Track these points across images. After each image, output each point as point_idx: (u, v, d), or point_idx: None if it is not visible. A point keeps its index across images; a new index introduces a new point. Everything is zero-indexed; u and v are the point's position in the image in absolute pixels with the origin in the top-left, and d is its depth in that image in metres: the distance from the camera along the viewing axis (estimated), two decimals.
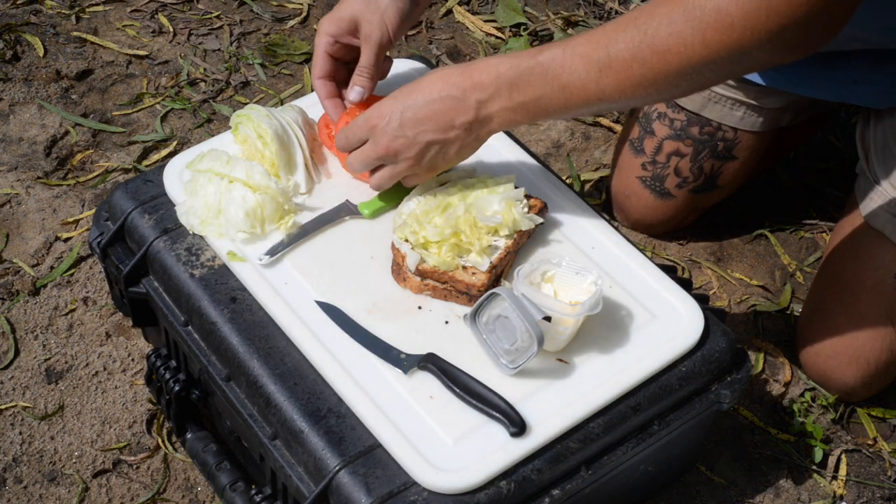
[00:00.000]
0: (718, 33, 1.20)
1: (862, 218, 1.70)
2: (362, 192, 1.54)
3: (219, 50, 2.30)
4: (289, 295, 1.42)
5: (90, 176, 2.05)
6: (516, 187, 1.48)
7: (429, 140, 1.39)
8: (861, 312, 1.71)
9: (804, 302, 1.83)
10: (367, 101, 1.53)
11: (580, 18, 2.41)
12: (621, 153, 1.96)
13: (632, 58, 1.26)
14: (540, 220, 1.47)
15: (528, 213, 1.46)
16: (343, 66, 1.58)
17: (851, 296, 1.72)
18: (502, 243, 1.43)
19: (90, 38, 2.30)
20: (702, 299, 1.47)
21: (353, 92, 1.53)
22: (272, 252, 1.45)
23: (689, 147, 1.87)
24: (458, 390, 1.32)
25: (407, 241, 1.42)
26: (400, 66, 1.72)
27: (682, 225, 2.00)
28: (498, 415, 1.30)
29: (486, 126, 1.38)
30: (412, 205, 1.46)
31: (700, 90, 1.28)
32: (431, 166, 1.43)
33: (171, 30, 2.33)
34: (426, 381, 1.34)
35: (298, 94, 2.21)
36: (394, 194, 1.52)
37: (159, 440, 1.69)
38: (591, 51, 1.29)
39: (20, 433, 1.69)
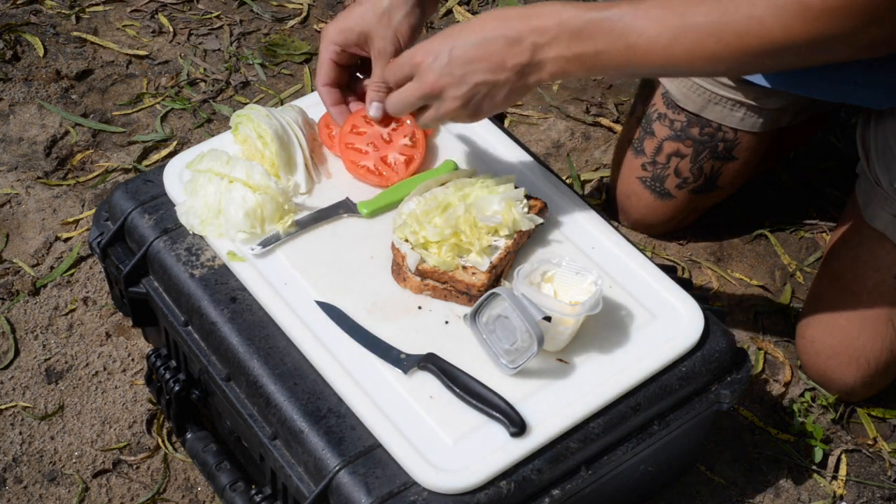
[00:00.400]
0: (800, 23, 1.19)
1: (862, 218, 1.70)
2: (363, 192, 1.54)
3: (219, 50, 2.30)
4: (289, 295, 1.42)
5: (90, 176, 2.05)
6: (516, 187, 1.48)
7: (478, 80, 1.34)
8: (861, 313, 1.71)
9: (804, 302, 1.83)
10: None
11: None
12: (621, 154, 1.96)
13: (708, 33, 1.24)
14: (540, 220, 1.47)
15: (528, 213, 1.46)
16: (346, 70, 1.57)
17: (852, 296, 1.71)
18: (502, 243, 1.43)
19: (90, 38, 2.30)
20: (702, 299, 1.47)
21: (373, 108, 1.50)
22: (265, 243, 1.45)
23: (689, 148, 1.87)
24: (458, 390, 1.32)
25: (407, 241, 1.42)
26: None
27: (682, 225, 2.00)
28: (498, 415, 1.30)
29: (537, 72, 1.34)
30: (412, 205, 1.46)
31: (778, 70, 1.29)
32: (477, 109, 1.38)
33: (171, 30, 2.33)
34: (426, 381, 1.34)
35: (298, 94, 2.21)
36: (395, 195, 1.52)
37: (159, 440, 1.69)
38: (665, 15, 1.26)
39: (20, 433, 1.69)
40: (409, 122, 1.54)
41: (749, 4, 1.21)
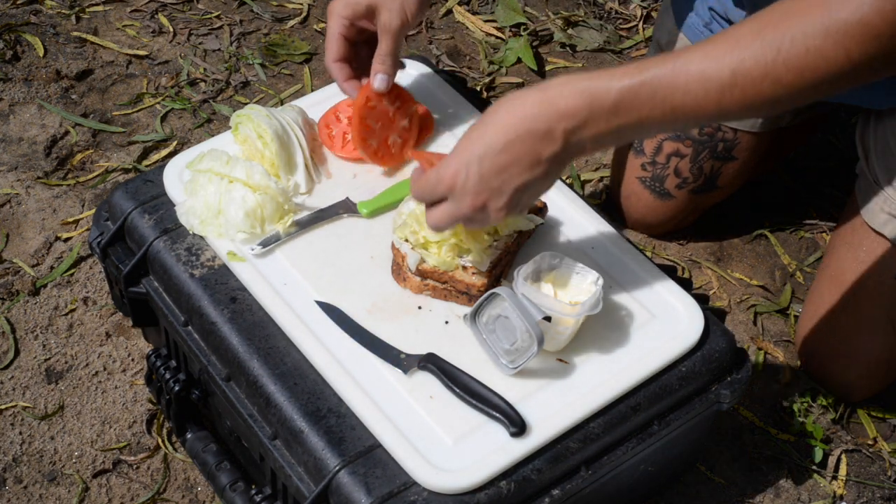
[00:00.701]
0: (863, 45, 1.12)
1: (862, 218, 1.70)
2: (363, 192, 1.54)
3: (219, 50, 2.30)
4: (289, 295, 1.42)
5: (90, 176, 2.05)
6: None
7: (517, 186, 1.24)
8: (861, 313, 1.71)
9: (804, 302, 1.83)
10: (392, 90, 1.52)
11: (580, 18, 2.41)
12: (619, 154, 1.96)
13: (762, 76, 1.14)
14: (540, 220, 1.47)
15: (528, 213, 1.46)
16: (355, 47, 1.55)
17: (852, 296, 1.72)
18: (502, 243, 1.43)
19: (90, 38, 2.30)
20: (702, 299, 1.47)
21: (378, 80, 1.49)
22: (265, 243, 1.45)
23: (688, 148, 1.87)
24: (458, 390, 1.32)
25: (407, 240, 1.42)
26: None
27: (682, 225, 2.00)
28: (498, 415, 1.30)
29: (575, 154, 1.25)
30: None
31: (829, 97, 1.21)
32: (523, 207, 1.30)
33: (171, 30, 2.34)
34: (426, 381, 1.34)
35: (298, 94, 2.21)
36: (395, 195, 1.52)
37: (159, 440, 1.69)
38: (709, 68, 1.16)
39: (20, 433, 1.69)
40: (414, 106, 1.54)
41: (804, 36, 1.13)
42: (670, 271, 1.49)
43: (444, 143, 1.62)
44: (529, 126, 1.21)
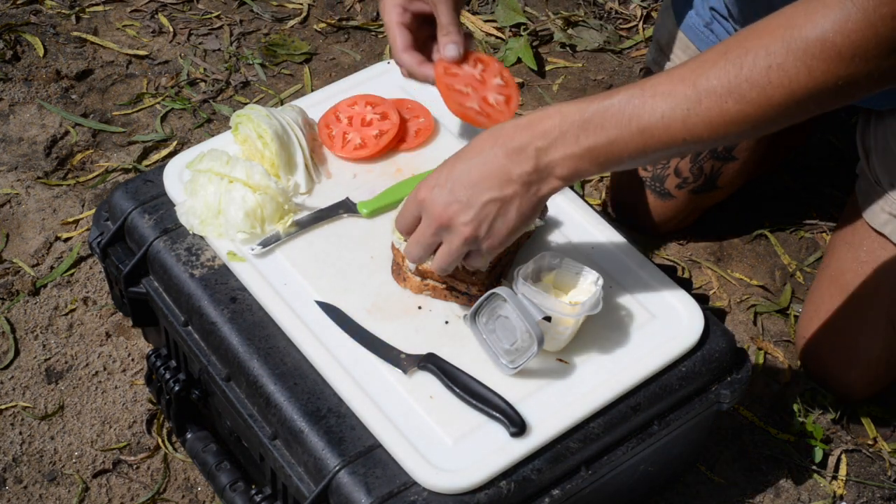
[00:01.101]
0: (825, 63, 1.12)
1: (862, 218, 1.70)
2: (363, 192, 1.54)
3: (219, 50, 2.30)
4: (289, 295, 1.42)
5: (90, 176, 2.05)
6: None
7: (485, 199, 1.25)
8: (862, 313, 1.71)
9: (805, 302, 1.83)
10: (468, 56, 1.49)
11: (580, 18, 2.41)
12: None
13: (727, 93, 1.15)
14: (540, 221, 1.47)
15: None
16: (416, 33, 1.50)
17: (852, 296, 1.72)
18: None
19: (90, 38, 2.30)
20: (702, 299, 1.47)
21: (449, 49, 1.45)
22: (265, 243, 1.45)
23: None
24: (458, 390, 1.32)
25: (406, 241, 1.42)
26: None
27: (683, 225, 2.00)
28: (498, 415, 1.30)
29: (546, 179, 1.24)
30: None
31: (798, 121, 1.21)
32: (490, 232, 1.28)
33: (171, 30, 2.34)
34: (426, 381, 1.34)
35: (298, 94, 2.21)
36: (395, 195, 1.52)
37: (159, 440, 1.69)
38: (674, 88, 1.17)
39: (20, 433, 1.69)
40: (495, 64, 1.52)
41: (766, 54, 1.13)
42: (670, 271, 1.49)
43: (445, 143, 1.62)
44: (505, 143, 1.23)
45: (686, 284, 1.49)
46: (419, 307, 1.42)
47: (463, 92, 1.48)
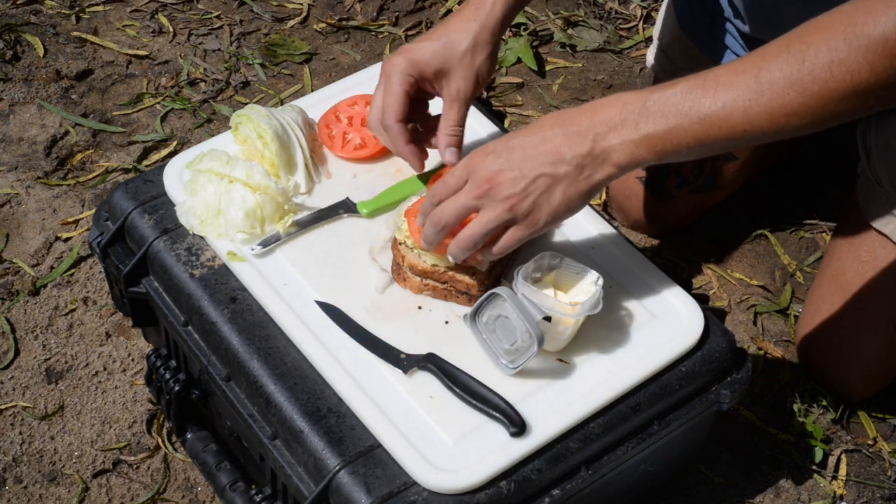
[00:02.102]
0: (888, 60, 1.13)
1: (863, 218, 1.70)
2: (363, 192, 1.54)
3: (219, 50, 2.30)
4: (289, 295, 1.42)
5: (90, 176, 2.05)
6: None
7: (537, 173, 1.24)
8: (862, 312, 1.71)
9: (805, 302, 1.83)
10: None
11: (580, 18, 2.41)
12: None
13: (788, 85, 1.16)
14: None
15: None
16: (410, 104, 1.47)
17: (852, 296, 1.72)
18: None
19: (90, 38, 2.30)
20: (702, 299, 1.47)
21: (449, 153, 1.42)
22: (265, 243, 1.45)
23: None
24: (458, 390, 1.32)
25: (405, 243, 1.42)
26: None
27: (682, 225, 2.00)
28: (498, 415, 1.30)
29: (602, 165, 1.24)
30: (411, 204, 1.46)
31: (861, 116, 1.23)
32: (535, 210, 1.27)
33: (171, 30, 2.33)
34: (426, 381, 1.34)
35: (298, 94, 2.21)
36: (395, 195, 1.52)
37: (159, 440, 1.69)
38: (737, 79, 1.18)
39: (20, 433, 1.69)
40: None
41: (828, 49, 1.14)
42: (670, 271, 1.49)
43: None
44: (565, 125, 1.24)
45: (686, 284, 1.49)
46: (419, 307, 1.42)
47: None
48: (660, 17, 1.94)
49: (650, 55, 1.97)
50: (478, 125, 1.64)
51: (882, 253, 1.69)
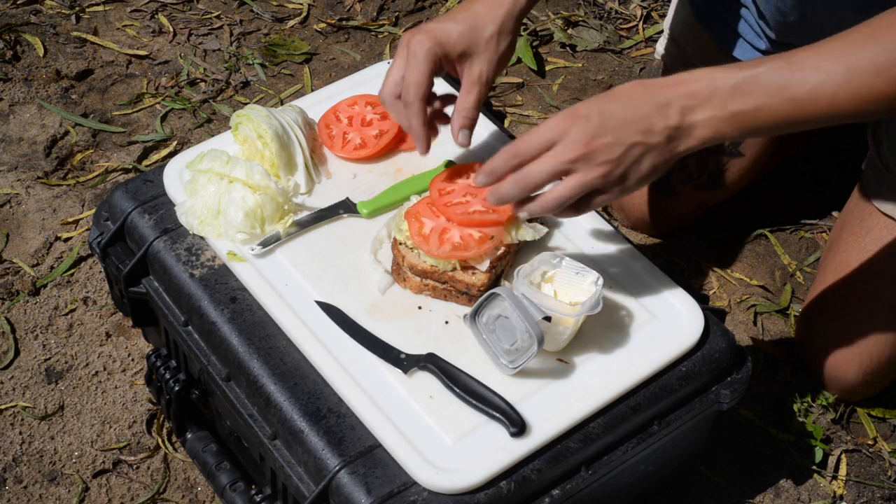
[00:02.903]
0: None
1: (869, 209, 1.70)
2: (363, 192, 1.54)
3: (219, 50, 2.30)
4: (289, 295, 1.42)
5: (90, 176, 2.05)
6: None
7: (632, 141, 1.26)
8: (869, 304, 1.70)
9: (807, 298, 1.82)
10: (458, 172, 1.47)
11: (580, 18, 2.41)
12: None
13: (875, 73, 1.21)
14: (545, 230, 1.46)
15: (532, 221, 1.46)
16: None
17: (859, 288, 1.71)
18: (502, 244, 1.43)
19: (90, 38, 2.30)
20: (702, 299, 1.47)
21: (463, 135, 1.42)
22: (265, 243, 1.45)
23: None
24: (458, 390, 1.32)
25: (405, 243, 1.42)
26: None
27: (683, 224, 1.99)
28: (498, 415, 1.30)
29: (686, 137, 1.26)
30: (411, 205, 1.46)
31: None
32: (623, 177, 1.28)
33: (171, 30, 2.33)
34: (426, 381, 1.34)
35: (298, 94, 2.21)
36: (395, 195, 1.52)
37: (159, 440, 1.69)
38: (825, 63, 1.23)
39: (20, 433, 1.69)
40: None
41: None
42: (670, 271, 1.49)
43: (444, 143, 1.62)
44: (652, 96, 1.26)
45: (686, 284, 1.49)
46: (419, 307, 1.42)
47: (462, 202, 1.44)
48: (672, 7, 1.93)
49: (660, 46, 1.96)
50: (477, 124, 1.63)
51: (890, 242, 1.68)
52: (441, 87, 1.69)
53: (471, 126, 1.43)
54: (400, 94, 1.44)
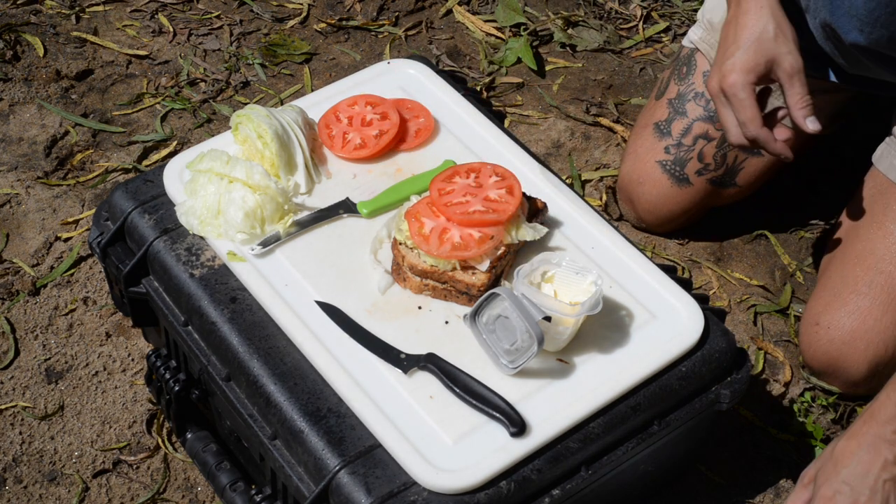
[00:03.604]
0: None
1: (881, 196, 1.69)
2: (363, 192, 1.54)
3: (219, 50, 2.30)
4: (289, 295, 1.42)
5: (90, 176, 2.05)
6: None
7: (883, 479, 1.39)
8: (888, 292, 1.70)
9: (815, 290, 1.79)
10: (456, 171, 1.48)
11: (580, 18, 2.41)
12: (640, 139, 1.94)
13: None
14: (545, 230, 1.46)
15: (533, 221, 1.46)
16: None
17: (879, 274, 1.70)
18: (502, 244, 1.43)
19: (90, 38, 2.30)
20: (702, 299, 1.47)
21: (811, 121, 1.51)
22: (265, 243, 1.45)
23: (718, 131, 1.86)
24: (458, 390, 1.32)
25: (405, 243, 1.42)
26: (400, 66, 1.72)
27: (686, 221, 1.98)
28: (498, 415, 1.30)
29: None
30: (411, 205, 1.46)
31: None
32: None
33: (171, 30, 2.33)
34: (426, 381, 1.34)
35: (298, 94, 2.21)
36: (395, 195, 1.52)
37: (159, 440, 1.69)
38: None
39: (20, 433, 1.69)
40: (486, 166, 1.48)
41: None
42: (670, 271, 1.49)
43: (445, 143, 1.62)
44: (861, 439, 1.41)
45: (686, 284, 1.49)
46: (419, 307, 1.42)
47: (462, 202, 1.44)
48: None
49: (693, 35, 1.94)
50: (477, 124, 1.64)
51: None
52: (440, 87, 1.69)
53: (812, 111, 1.50)
54: (747, 136, 1.53)
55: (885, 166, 1.75)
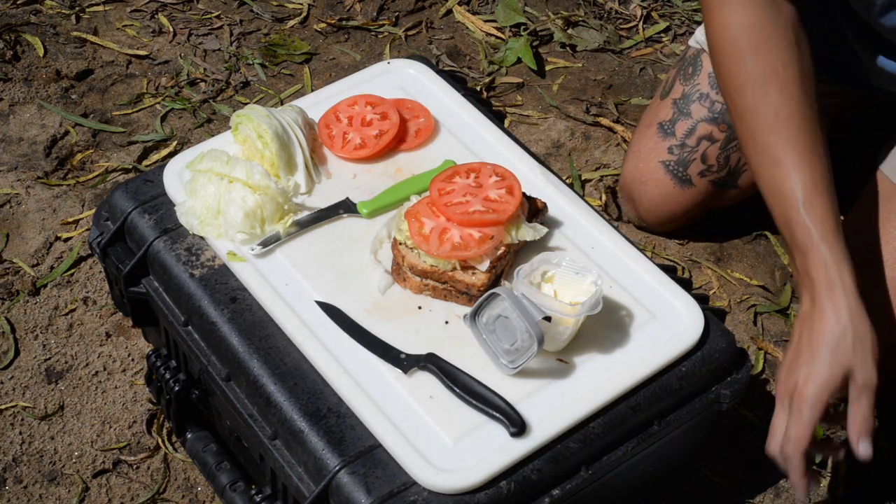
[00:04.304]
0: None
1: (885, 200, 1.69)
2: (363, 192, 1.54)
3: (219, 50, 2.30)
4: (289, 295, 1.42)
5: (90, 176, 2.05)
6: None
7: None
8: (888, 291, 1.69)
9: None
10: (456, 171, 1.49)
11: (580, 18, 2.41)
12: (643, 138, 1.94)
13: None
14: (545, 230, 1.46)
15: (533, 221, 1.46)
16: None
17: (876, 274, 1.69)
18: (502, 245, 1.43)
19: (90, 38, 2.30)
20: (702, 299, 1.47)
21: (864, 447, 1.37)
22: (265, 243, 1.45)
23: (722, 133, 1.86)
24: (458, 390, 1.32)
25: (405, 243, 1.42)
26: (400, 66, 1.72)
27: (686, 222, 1.98)
28: (498, 415, 1.30)
29: None
30: (411, 205, 1.46)
31: None
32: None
33: (171, 30, 2.34)
34: (426, 381, 1.34)
35: (298, 94, 2.21)
36: (395, 195, 1.52)
37: (159, 440, 1.69)
38: None
39: (20, 433, 1.69)
40: (486, 166, 1.49)
41: None
42: (670, 271, 1.49)
43: (444, 143, 1.62)
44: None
45: (686, 284, 1.49)
46: (419, 307, 1.42)
47: (462, 202, 1.44)
48: None
49: (700, 34, 1.92)
50: (477, 124, 1.64)
51: None
52: (440, 87, 1.69)
53: (869, 433, 1.38)
54: (784, 452, 1.40)
55: (889, 170, 1.74)
